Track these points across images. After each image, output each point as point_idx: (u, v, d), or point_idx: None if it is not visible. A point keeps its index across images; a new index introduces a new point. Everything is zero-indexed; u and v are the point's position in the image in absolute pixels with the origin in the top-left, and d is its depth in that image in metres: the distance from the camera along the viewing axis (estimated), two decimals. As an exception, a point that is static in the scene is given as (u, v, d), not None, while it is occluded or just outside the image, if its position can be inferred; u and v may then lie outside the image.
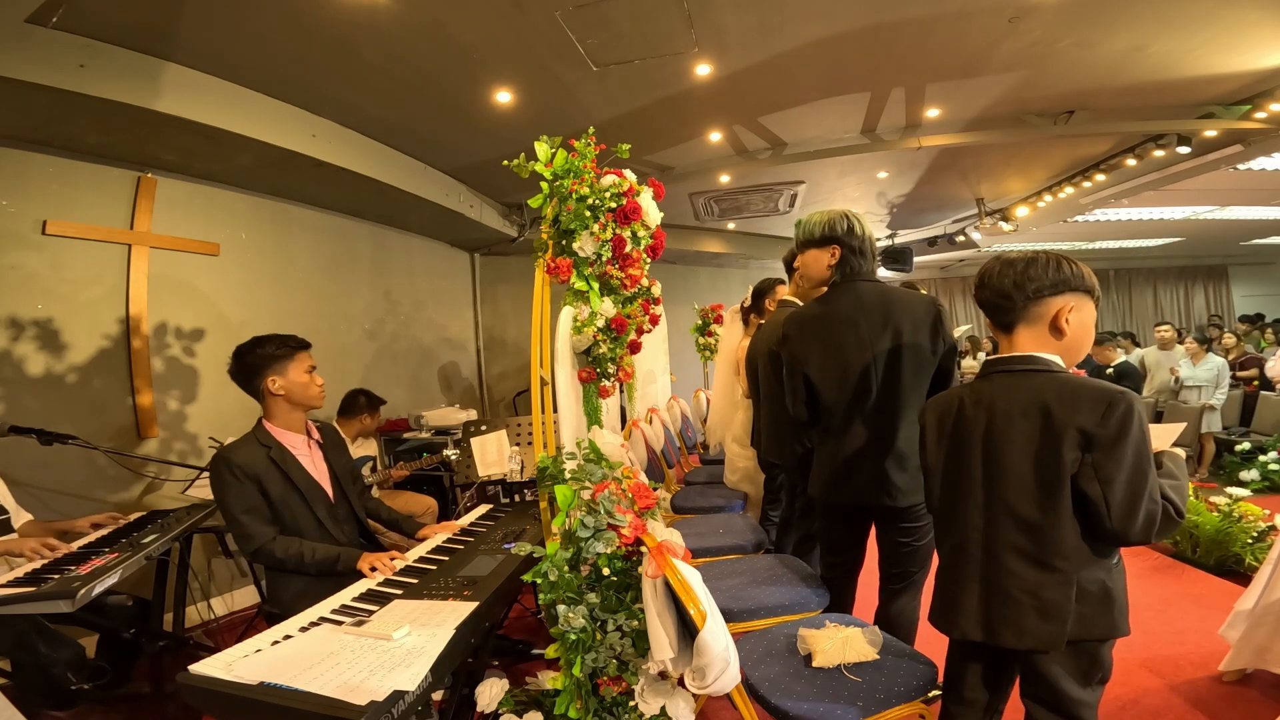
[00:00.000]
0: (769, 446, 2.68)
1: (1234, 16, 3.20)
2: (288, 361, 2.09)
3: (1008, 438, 1.27)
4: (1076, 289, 1.30)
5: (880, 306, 1.92)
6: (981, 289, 1.38)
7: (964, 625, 1.32)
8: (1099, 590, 1.23)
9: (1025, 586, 1.24)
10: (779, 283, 3.22)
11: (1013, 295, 1.31)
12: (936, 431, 1.42)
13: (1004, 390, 1.31)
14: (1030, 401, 1.25)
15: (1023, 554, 1.25)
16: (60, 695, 2.10)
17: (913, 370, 1.88)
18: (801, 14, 2.98)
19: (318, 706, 1.12)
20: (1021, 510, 1.25)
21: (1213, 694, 2.14)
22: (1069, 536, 1.22)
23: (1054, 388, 1.24)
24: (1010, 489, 1.26)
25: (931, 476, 1.44)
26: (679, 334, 6.43)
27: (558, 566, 1.56)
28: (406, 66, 3.13)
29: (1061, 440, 1.19)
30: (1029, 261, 1.31)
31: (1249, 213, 8.23)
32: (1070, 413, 1.19)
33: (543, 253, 1.92)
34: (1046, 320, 1.31)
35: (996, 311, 1.36)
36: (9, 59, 2.32)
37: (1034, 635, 1.24)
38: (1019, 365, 1.31)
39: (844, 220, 2.01)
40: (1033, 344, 1.32)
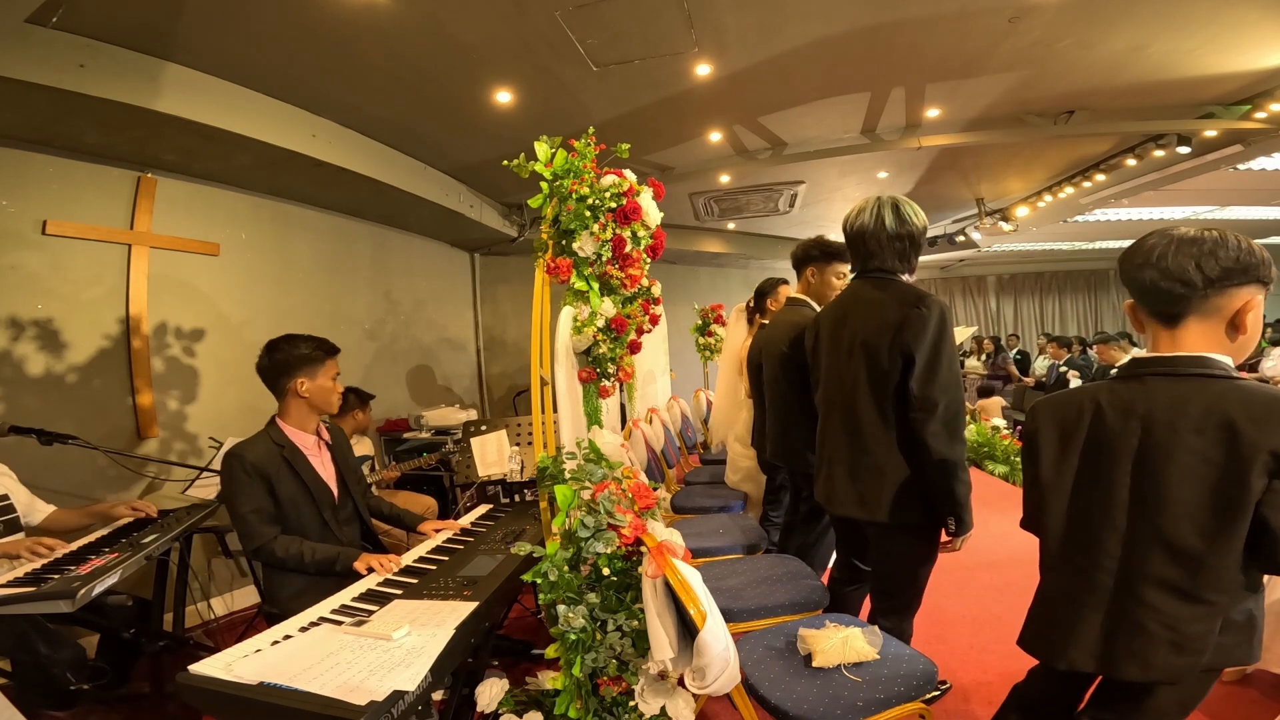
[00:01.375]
0: (774, 449, 2.64)
1: (1234, 16, 3.20)
2: (318, 365, 2.11)
3: (1173, 457, 1.05)
4: (1262, 280, 1.08)
5: (860, 307, 1.85)
6: (1145, 268, 1.11)
7: (1073, 656, 1.15)
8: (1245, 619, 1.08)
9: (1166, 621, 1.07)
10: (781, 283, 3.22)
11: (1193, 280, 1.06)
12: (1058, 441, 1.20)
13: (1166, 398, 1.08)
14: (1206, 414, 1.03)
15: (1170, 587, 1.07)
16: (60, 695, 2.10)
17: (869, 380, 1.77)
18: (801, 14, 2.98)
19: (317, 706, 1.12)
20: (1181, 540, 1.05)
21: (1213, 694, 2.09)
22: (1232, 568, 1.04)
23: (1238, 399, 1.02)
24: (1170, 517, 1.06)
25: (1045, 493, 1.22)
26: (679, 334, 6.44)
27: (558, 566, 1.56)
28: (406, 66, 3.13)
29: (1250, 464, 0.99)
30: (1218, 241, 1.07)
31: (1249, 213, 8.24)
32: (1263, 432, 0.98)
33: (543, 253, 1.92)
34: (1227, 315, 1.08)
35: (1163, 299, 1.11)
36: (9, 59, 2.32)
37: (1161, 669, 1.08)
38: (1186, 368, 1.09)
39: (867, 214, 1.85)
40: (1204, 342, 1.09)
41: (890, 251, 1.84)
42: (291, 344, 2.10)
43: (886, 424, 1.76)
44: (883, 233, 1.82)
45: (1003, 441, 6.12)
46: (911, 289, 1.79)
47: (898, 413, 1.74)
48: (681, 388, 6.03)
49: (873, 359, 1.76)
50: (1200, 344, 1.10)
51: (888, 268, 1.85)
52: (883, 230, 1.82)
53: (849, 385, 1.83)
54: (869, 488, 1.79)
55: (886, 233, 1.82)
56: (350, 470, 2.28)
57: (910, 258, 1.86)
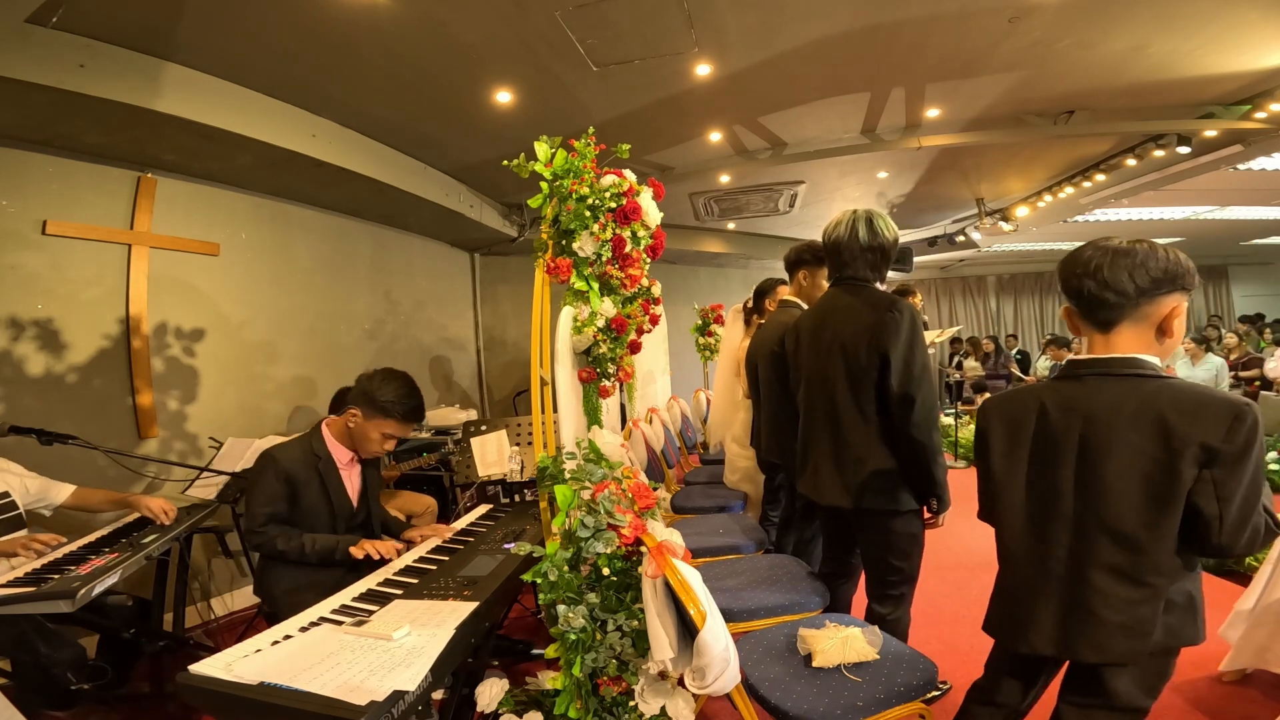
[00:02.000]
0: (769, 446, 2.69)
1: (1234, 16, 3.20)
2: (377, 416, 2.14)
3: (1111, 450, 1.14)
4: (1186, 288, 1.17)
5: (837, 312, 1.97)
6: (1083, 278, 1.19)
7: (1034, 640, 1.23)
8: (1185, 600, 1.16)
9: (1114, 604, 1.15)
10: (780, 283, 3.22)
11: (1126, 289, 1.15)
12: (1006, 437, 1.28)
13: (1104, 396, 1.17)
14: (1140, 411, 1.12)
15: (1117, 573, 1.15)
16: (60, 695, 2.10)
17: (848, 379, 1.89)
18: (801, 14, 2.98)
19: (318, 706, 1.12)
20: (1123, 527, 1.14)
21: (1213, 694, 2.14)
22: (1168, 552, 1.13)
23: (1169, 397, 1.11)
24: (1110, 505, 1.15)
25: (996, 485, 1.30)
26: (679, 334, 6.44)
27: (558, 566, 1.56)
28: (407, 66, 3.13)
29: (1181, 456, 1.08)
30: (1147, 252, 1.15)
31: (1249, 213, 8.23)
32: (1191, 426, 1.07)
33: (543, 253, 1.92)
34: (1155, 320, 1.17)
35: (1098, 306, 1.19)
36: (9, 59, 2.32)
37: (1115, 651, 1.16)
38: (1121, 369, 1.17)
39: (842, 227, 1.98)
40: (1135, 345, 1.18)
41: (863, 262, 1.97)
42: (381, 383, 2.15)
43: (865, 418, 1.88)
44: (856, 244, 1.96)
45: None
46: (884, 295, 1.93)
47: (876, 407, 1.86)
48: (681, 388, 6.03)
49: (851, 359, 1.88)
50: (1132, 346, 1.19)
51: (860, 276, 1.98)
52: (856, 242, 1.96)
53: (829, 384, 1.95)
54: (853, 478, 1.90)
55: (859, 244, 1.95)
56: (375, 487, 2.39)
57: (880, 268, 1.99)
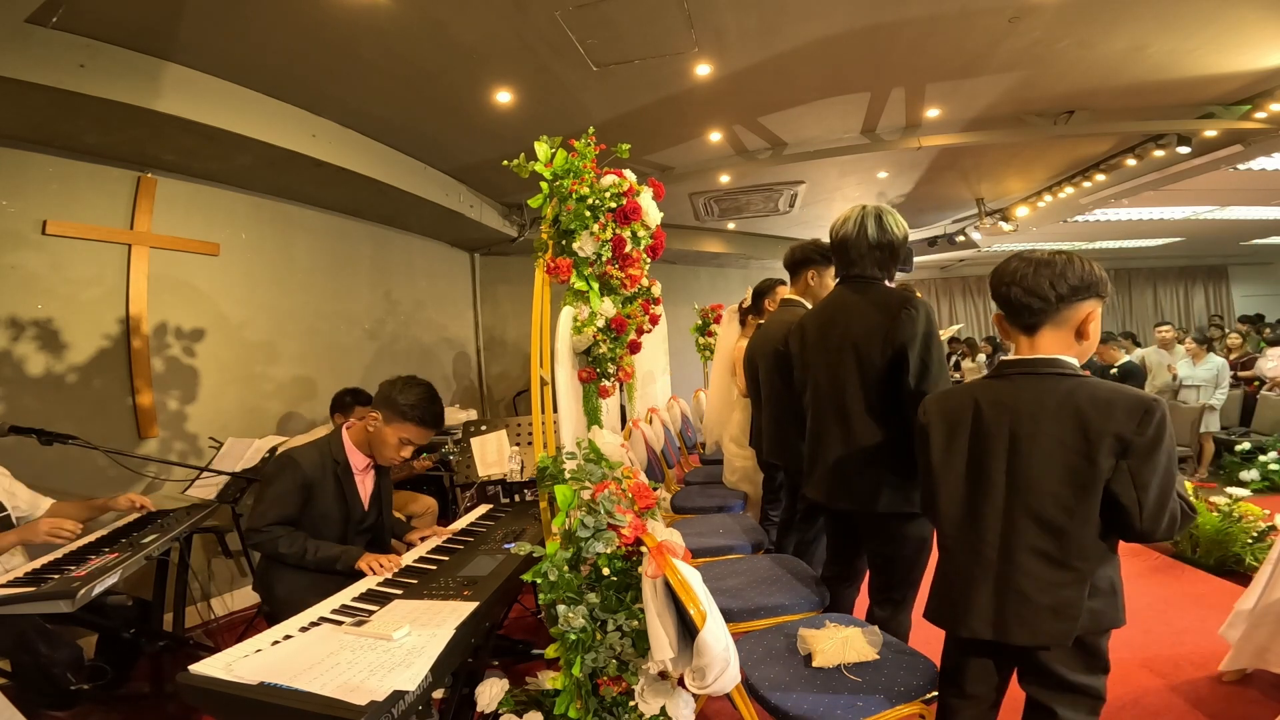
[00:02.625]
0: (771, 448, 2.68)
1: (1234, 16, 3.20)
2: (400, 421, 2.12)
3: (1036, 442, 1.24)
4: (1100, 295, 1.29)
5: (847, 310, 1.92)
6: (1009, 286, 1.31)
7: (973, 624, 1.31)
8: (1108, 586, 1.25)
9: (1042, 587, 1.23)
10: (779, 283, 3.22)
11: (1047, 296, 1.27)
12: (945, 433, 1.37)
13: (1029, 393, 1.27)
14: (1061, 406, 1.23)
15: (1043, 556, 1.24)
16: (60, 695, 2.10)
17: (861, 379, 1.84)
18: (801, 14, 2.98)
19: (318, 706, 1.12)
20: (1047, 514, 1.23)
21: (1213, 694, 2.14)
22: (1091, 538, 1.22)
23: (1086, 394, 1.22)
24: (1036, 494, 1.24)
25: (936, 477, 1.39)
26: (679, 334, 6.43)
27: (558, 566, 1.56)
28: (406, 66, 3.13)
29: (1097, 447, 1.18)
30: (1066, 263, 1.27)
31: (1249, 213, 8.23)
32: (1106, 420, 1.18)
33: (543, 253, 1.92)
34: (1073, 324, 1.28)
35: (1022, 311, 1.31)
36: (9, 59, 2.32)
37: (1046, 633, 1.24)
38: (1044, 368, 1.28)
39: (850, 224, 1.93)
40: (1056, 346, 1.29)
41: (870, 260, 1.92)
42: (404, 388, 2.13)
43: (877, 420, 1.83)
44: (864, 242, 1.91)
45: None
46: (897, 292, 1.87)
47: (889, 407, 1.81)
48: (681, 388, 6.03)
49: (864, 359, 1.83)
50: (1054, 348, 1.29)
51: (868, 274, 1.93)
52: (864, 239, 1.91)
53: (839, 385, 1.89)
54: (863, 480, 1.84)
55: (868, 242, 1.90)
56: (387, 491, 2.37)
57: (889, 265, 1.94)
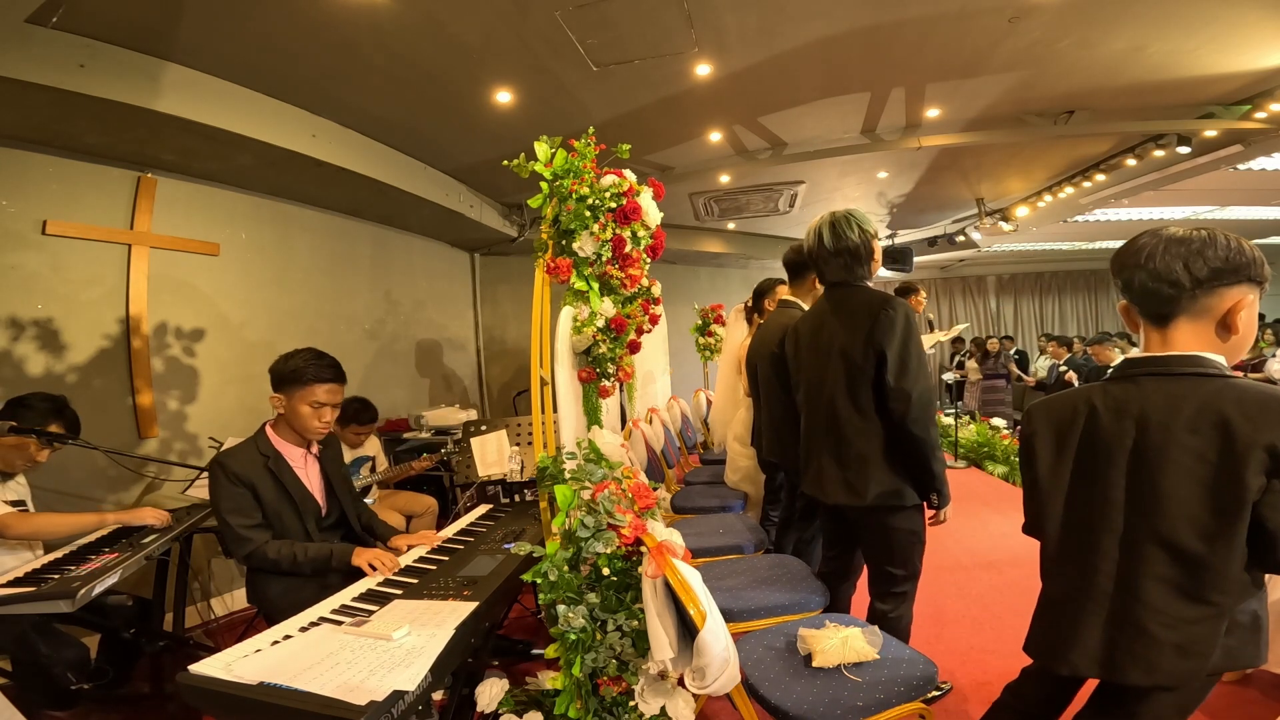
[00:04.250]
0: (769, 446, 2.70)
1: (1234, 16, 3.19)
2: (298, 387, 2.04)
3: (1168, 456, 1.05)
4: (1254, 279, 1.07)
5: (831, 315, 1.99)
6: (1135, 269, 1.12)
7: (1076, 661, 1.14)
8: (1249, 620, 1.06)
9: (1169, 623, 1.05)
10: (779, 283, 3.22)
11: (1181, 280, 1.07)
12: (1053, 443, 1.20)
13: (1160, 397, 1.08)
14: (1201, 413, 1.03)
15: (1173, 587, 1.06)
16: (60, 695, 2.10)
17: (846, 378, 1.91)
18: (801, 14, 2.98)
19: (317, 706, 1.12)
20: (1181, 541, 1.04)
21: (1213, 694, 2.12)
22: (1235, 569, 1.02)
23: (1233, 397, 1.02)
24: (1168, 517, 1.05)
25: (1043, 494, 1.22)
26: (679, 334, 6.43)
27: (558, 566, 1.56)
28: (407, 66, 3.13)
29: (1245, 462, 0.98)
30: (1206, 241, 1.07)
31: (1249, 213, 8.23)
32: (1258, 428, 0.98)
33: (543, 253, 1.92)
34: (1217, 315, 1.08)
35: (1152, 299, 1.11)
36: (9, 59, 2.32)
37: (1168, 673, 1.07)
38: (1181, 368, 1.08)
39: (811, 235, 2.03)
40: (1195, 341, 1.09)
41: (836, 265, 1.99)
42: (287, 358, 2.04)
43: (864, 417, 1.90)
44: (824, 250, 1.99)
45: (1002, 442, 6.12)
46: (877, 294, 1.94)
47: (875, 405, 1.88)
48: (681, 388, 6.03)
49: (849, 359, 1.90)
50: (1192, 343, 1.09)
51: (841, 280, 2.00)
52: (823, 248, 1.99)
53: (828, 386, 1.96)
54: (855, 475, 1.90)
55: (826, 250, 1.98)
56: (340, 480, 2.24)
57: (856, 268, 1.98)
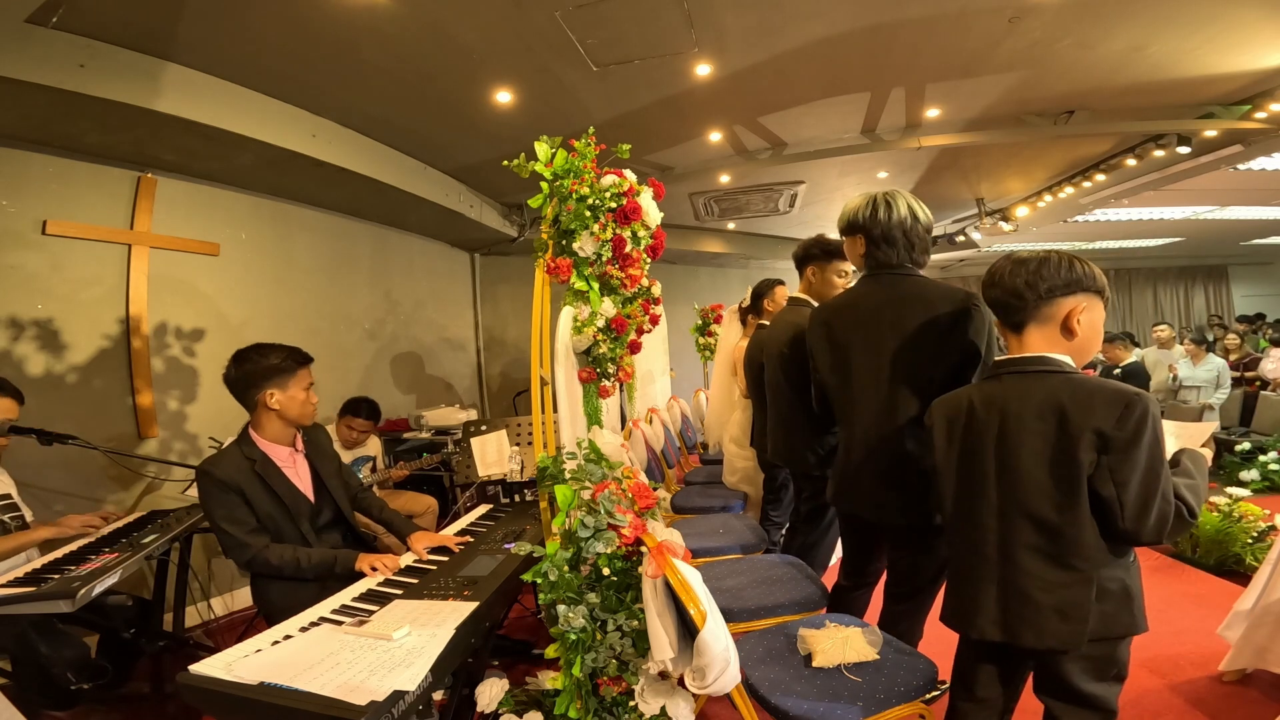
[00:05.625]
0: (776, 449, 2.59)
1: (1234, 16, 3.19)
2: (289, 376, 2.00)
3: (1021, 440, 1.25)
4: (1088, 289, 1.29)
5: (895, 304, 1.73)
6: (992, 287, 1.36)
7: (982, 625, 1.31)
8: (1119, 589, 1.23)
9: (1044, 586, 1.23)
10: (778, 283, 3.22)
11: (1024, 294, 1.29)
12: (946, 433, 1.40)
13: (1016, 391, 1.29)
14: (1044, 403, 1.24)
15: (1041, 554, 1.24)
16: (60, 695, 2.10)
17: (911, 379, 1.70)
18: (801, 14, 2.98)
19: (318, 706, 1.12)
20: (1039, 512, 1.24)
21: (1213, 694, 2.14)
22: (1088, 536, 1.21)
23: (1068, 389, 1.23)
24: (1026, 491, 1.25)
25: (942, 479, 1.41)
26: (679, 334, 6.43)
27: (558, 566, 1.56)
28: (406, 66, 3.13)
29: (1078, 442, 1.18)
30: (1041, 261, 1.29)
31: (1249, 213, 8.22)
32: (1086, 415, 1.18)
33: (543, 253, 1.92)
34: (1058, 320, 1.29)
35: (1007, 311, 1.34)
36: (9, 59, 2.32)
37: (1054, 635, 1.23)
38: (1031, 366, 1.30)
39: (869, 206, 1.78)
40: (1043, 344, 1.31)
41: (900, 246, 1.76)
42: (260, 354, 1.99)
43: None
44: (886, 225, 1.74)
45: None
46: (954, 287, 1.74)
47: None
48: (681, 388, 6.03)
49: (922, 360, 1.69)
50: (1040, 345, 1.31)
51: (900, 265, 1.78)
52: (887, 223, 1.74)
53: (887, 389, 1.73)
54: (914, 493, 1.70)
55: (888, 226, 1.74)
56: (331, 474, 2.17)
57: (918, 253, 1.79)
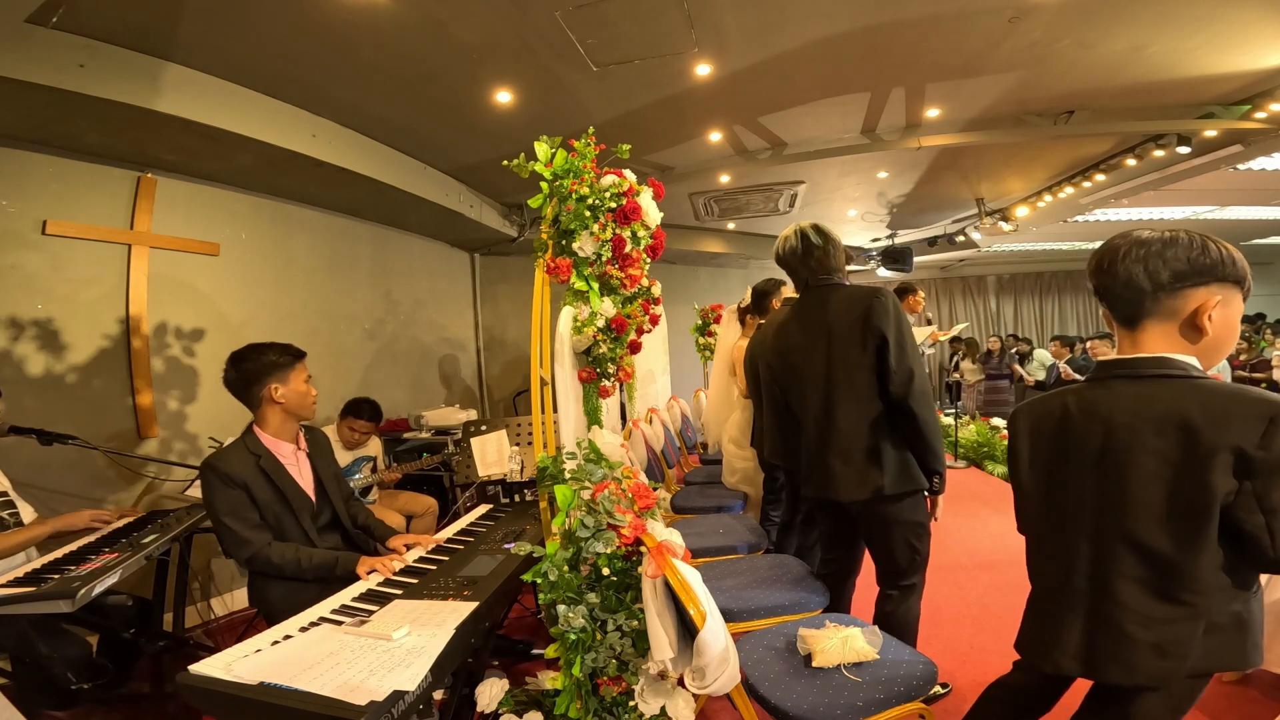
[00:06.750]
0: (772, 448, 2.64)
1: (1234, 16, 3.19)
2: (289, 370, 2.07)
3: (1134, 458, 1.06)
4: (1224, 279, 1.07)
5: (818, 308, 2.02)
6: (1102, 273, 1.14)
7: (1058, 660, 1.15)
8: (1231, 622, 1.05)
9: (1143, 622, 1.06)
10: (783, 283, 3.22)
11: (1142, 284, 1.08)
12: (1030, 444, 1.23)
13: (1127, 399, 1.09)
14: (1166, 415, 1.03)
15: (1144, 586, 1.06)
16: (60, 695, 2.10)
17: (843, 369, 1.93)
18: (801, 14, 2.98)
19: (317, 706, 1.12)
20: (1149, 542, 1.05)
21: (1213, 694, 2.14)
22: (1207, 569, 1.02)
23: (1197, 398, 1.01)
24: (1135, 518, 1.06)
25: (1024, 496, 1.25)
26: (679, 334, 6.44)
27: (558, 566, 1.56)
28: (407, 66, 3.13)
29: (1210, 465, 0.98)
30: (1167, 242, 1.07)
31: (1249, 213, 8.22)
32: (1220, 430, 0.97)
33: (543, 253, 1.92)
34: (1183, 316, 1.08)
35: (1118, 302, 1.13)
36: (9, 59, 2.32)
37: (1146, 673, 1.06)
38: (1148, 370, 1.09)
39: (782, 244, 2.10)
40: (1163, 343, 1.09)
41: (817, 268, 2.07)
42: (258, 352, 2.06)
43: (866, 405, 1.92)
44: (800, 255, 2.07)
45: (1002, 441, 6.13)
46: (861, 286, 2.01)
47: (870, 394, 1.91)
48: (681, 388, 6.03)
49: (845, 350, 1.93)
50: (1159, 345, 1.10)
51: (822, 280, 2.07)
52: (799, 254, 2.07)
53: (824, 382, 1.98)
54: (865, 467, 1.92)
55: (801, 256, 2.06)
56: (330, 477, 2.23)
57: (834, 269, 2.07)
